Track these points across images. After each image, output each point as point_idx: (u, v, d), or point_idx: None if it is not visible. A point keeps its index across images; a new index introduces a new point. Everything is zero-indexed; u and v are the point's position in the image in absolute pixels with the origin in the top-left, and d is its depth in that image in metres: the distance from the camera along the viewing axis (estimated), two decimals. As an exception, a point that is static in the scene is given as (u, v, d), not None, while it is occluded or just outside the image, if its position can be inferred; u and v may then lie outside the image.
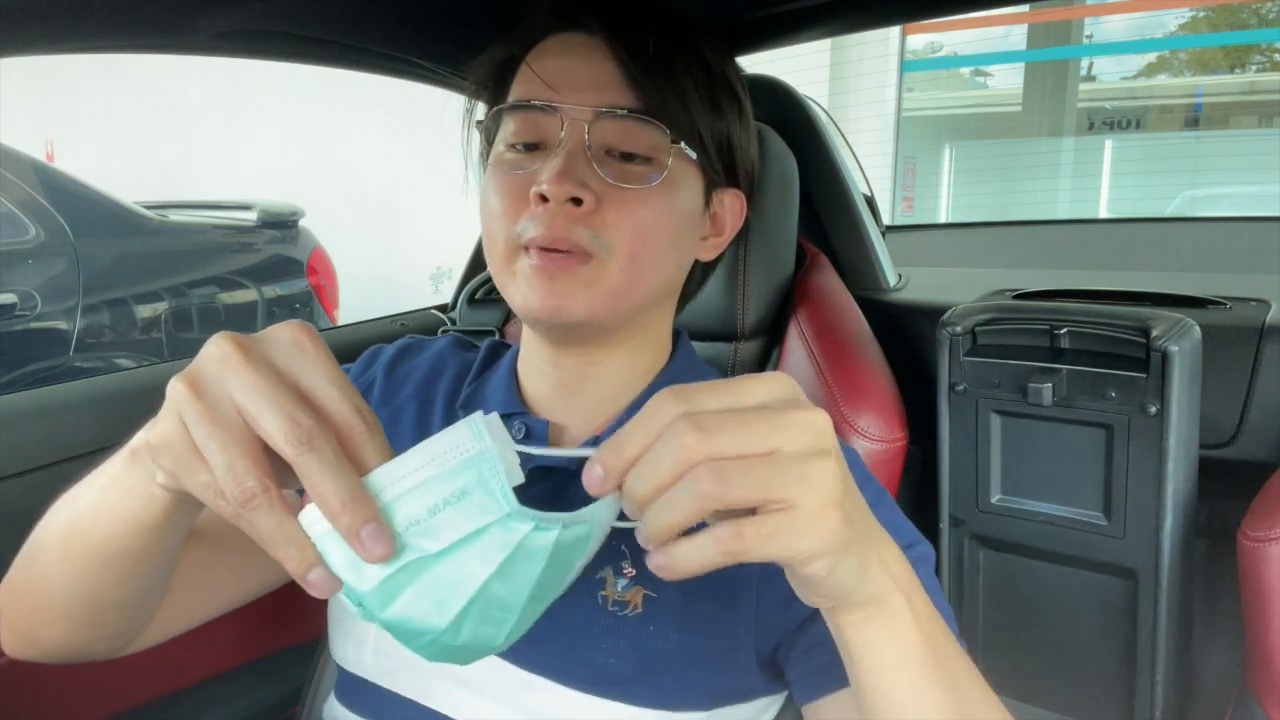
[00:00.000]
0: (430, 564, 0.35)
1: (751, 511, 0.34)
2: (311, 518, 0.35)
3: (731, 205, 0.66)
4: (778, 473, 0.33)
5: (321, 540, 0.35)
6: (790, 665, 0.56)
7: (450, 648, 0.38)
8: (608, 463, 0.34)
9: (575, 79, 0.58)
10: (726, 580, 0.56)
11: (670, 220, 0.59)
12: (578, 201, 0.55)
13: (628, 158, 0.58)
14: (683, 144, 0.58)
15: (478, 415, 0.35)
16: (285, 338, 0.38)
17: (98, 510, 0.46)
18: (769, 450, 0.33)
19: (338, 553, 0.35)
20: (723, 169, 0.63)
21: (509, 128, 0.60)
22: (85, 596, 0.49)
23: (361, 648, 0.63)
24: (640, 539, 0.35)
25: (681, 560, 0.34)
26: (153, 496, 0.42)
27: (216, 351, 0.37)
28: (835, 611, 0.39)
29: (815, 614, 0.53)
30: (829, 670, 0.52)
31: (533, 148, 0.59)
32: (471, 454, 0.34)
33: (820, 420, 0.35)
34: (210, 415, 0.35)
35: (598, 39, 0.58)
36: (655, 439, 0.33)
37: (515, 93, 0.61)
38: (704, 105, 0.59)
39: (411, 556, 0.35)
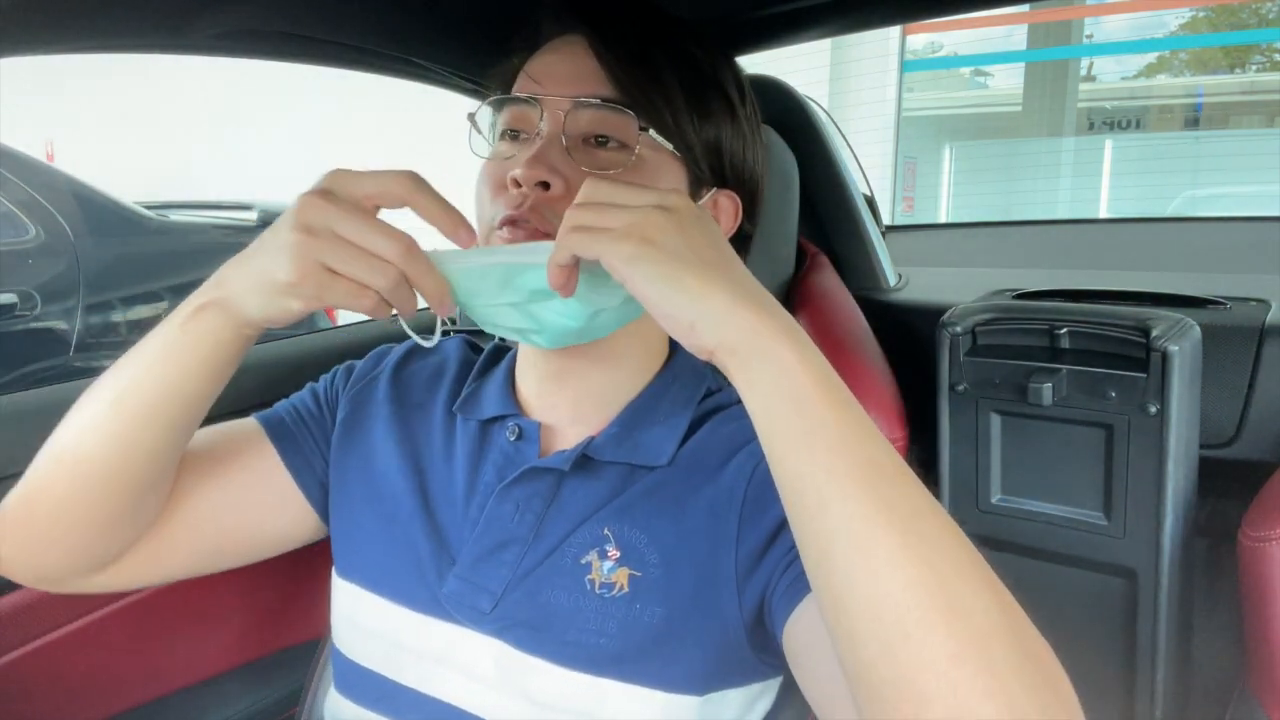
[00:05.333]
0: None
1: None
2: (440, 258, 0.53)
3: (725, 206, 0.65)
4: (614, 212, 0.47)
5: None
6: (771, 603, 0.56)
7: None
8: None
9: (557, 73, 0.60)
10: (708, 549, 0.58)
11: None
12: (547, 186, 0.57)
13: (602, 146, 0.59)
14: (652, 132, 0.59)
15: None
16: (344, 184, 0.51)
17: (159, 367, 0.54)
18: (623, 204, 0.48)
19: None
20: (709, 168, 0.63)
21: (500, 119, 0.63)
22: (126, 453, 0.55)
23: (368, 637, 0.64)
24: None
25: (561, 248, 0.48)
26: (220, 342, 0.53)
27: (314, 206, 0.49)
28: (715, 356, 0.46)
29: (790, 550, 0.54)
30: (796, 583, 0.54)
31: (517, 137, 0.62)
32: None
33: (668, 196, 0.48)
34: (338, 249, 0.49)
35: (583, 38, 0.61)
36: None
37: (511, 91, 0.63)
38: (685, 101, 0.60)
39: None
